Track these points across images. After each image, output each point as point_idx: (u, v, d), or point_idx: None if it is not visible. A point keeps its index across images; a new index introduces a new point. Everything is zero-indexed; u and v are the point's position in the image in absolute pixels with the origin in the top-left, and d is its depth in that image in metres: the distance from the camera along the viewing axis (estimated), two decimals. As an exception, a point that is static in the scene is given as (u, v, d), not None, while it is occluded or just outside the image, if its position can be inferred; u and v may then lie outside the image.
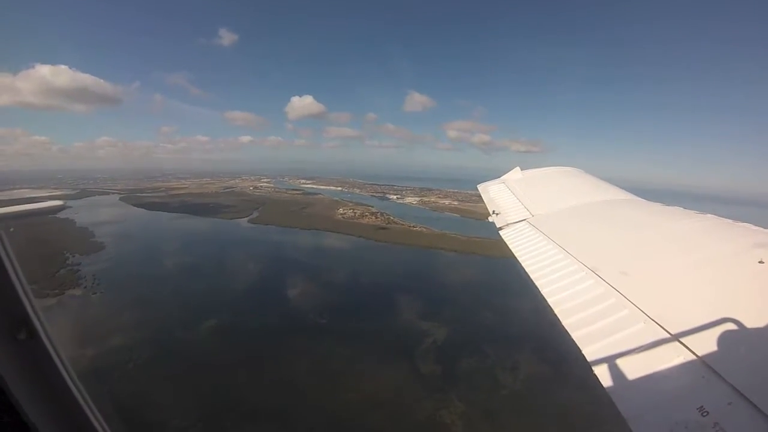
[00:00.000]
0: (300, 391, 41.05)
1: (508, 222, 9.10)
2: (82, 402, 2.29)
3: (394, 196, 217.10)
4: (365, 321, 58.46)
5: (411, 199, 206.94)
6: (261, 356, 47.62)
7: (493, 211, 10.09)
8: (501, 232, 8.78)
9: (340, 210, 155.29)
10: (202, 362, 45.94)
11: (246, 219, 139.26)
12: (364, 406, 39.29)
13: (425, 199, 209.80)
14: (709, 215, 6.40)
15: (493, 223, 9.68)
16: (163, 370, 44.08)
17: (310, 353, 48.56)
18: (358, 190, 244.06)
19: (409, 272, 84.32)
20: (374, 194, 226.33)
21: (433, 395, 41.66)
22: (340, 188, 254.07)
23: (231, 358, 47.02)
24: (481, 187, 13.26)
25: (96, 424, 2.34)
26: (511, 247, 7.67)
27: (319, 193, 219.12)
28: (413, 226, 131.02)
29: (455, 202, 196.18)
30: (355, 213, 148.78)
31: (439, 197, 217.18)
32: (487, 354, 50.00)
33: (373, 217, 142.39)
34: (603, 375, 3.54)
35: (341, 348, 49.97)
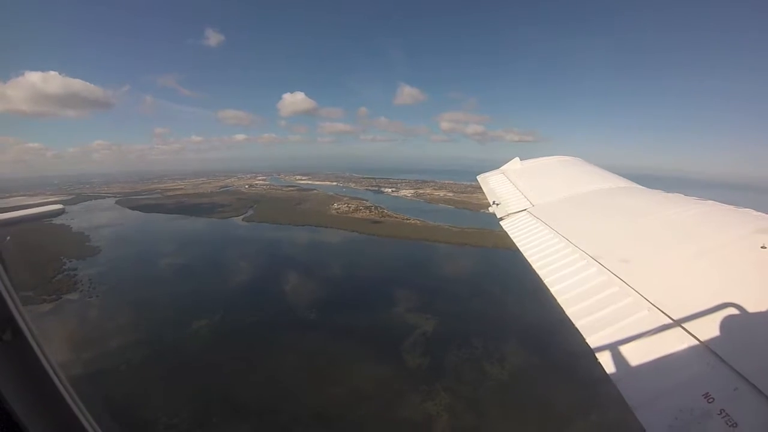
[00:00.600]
0: (288, 386, 42.04)
1: (509, 212, 9.06)
2: (70, 401, 2.29)
3: (389, 189, 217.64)
4: (354, 315, 59.41)
5: (406, 192, 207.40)
6: (251, 353, 48.65)
7: (494, 202, 10.09)
8: (501, 223, 8.71)
9: (335, 205, 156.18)
10: (194, 361, 47.08)
11: (240, 217, 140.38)
12: (351, 400, 40.14)
13: (420, 191, 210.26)
14: (710, 201, 6.40)
15: (487, 214, 9.90)
16: (156, 369, 45.26)
17: (300, 349, 49.55)
18: (353, 185, 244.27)
19: (400, 265, 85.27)
20: (369, 188, 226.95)
21: (419, 387, 42.25)
22: (335, 183, 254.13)
23: (222, 356, 48.12)
24: (480, 178, 13.21)
25: (85, 422, 2.35)
26: (512, 237, 7.60)
27: (314, 189, 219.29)
28: (407, 219, 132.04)
29: (450, 194, 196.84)
30: (349, 207, 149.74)
31: (434, 189, 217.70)
32: (475, 345, 50.49)
33: (367, 211, 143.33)
34: (607, 363, 3.54)
35: (330, 343, 50.95)
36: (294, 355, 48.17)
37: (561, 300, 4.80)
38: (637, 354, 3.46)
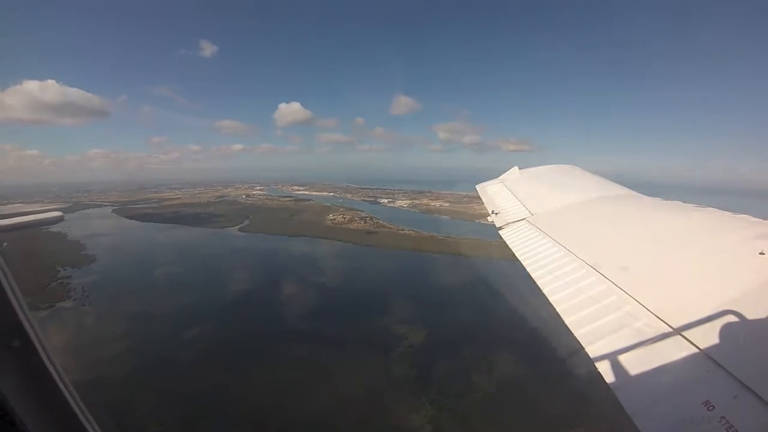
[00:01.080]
0: (279, 395, 42.43)
1: (508, 221, 9.09)
2: (76, 408, 2.31)
3: (386, 200, 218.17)
4: (345, 325, 59.96)
5: (402, 203, 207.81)
6: (243, 362, 49.14)
7: (493, 211, 10.14)
8: (501, 232, 8.74)
9: (330, 216, 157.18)
10: (186, 369, 47.54)
11: (236, 228, 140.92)
12: (340, 409, 40.35)
13: (416, 201, 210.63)
14: (708, 208, 6.40)
15: (482, 224, 10.21)
16: (146, 378, 45.63)
17: (291, 358, 49.99)
18: (350, 195, 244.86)
19: (391, 275, 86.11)
20: (366, 199, 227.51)
21: (405, 399, 42.35)
22: (332, 194, 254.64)
23: (214, 365, 48.57)
24: (479, 188, 13.31)
25: (90, 429, 2.37)
26: (510, 246, 7.62)
27: (311, 200, 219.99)
28: (401, 230, 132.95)
29: (446, 204, 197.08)
30: (344, 218, 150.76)
31: (431, 199, 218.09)
32: (464, 356, 50.56)
33: (362, 222, 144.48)
34: (606, 371, 3.53)
35: (321, 352, 51.37)
36: (285, 364, 48.62)
37: (560, 309, 4.81)
38: (636, 362, 3.47)
